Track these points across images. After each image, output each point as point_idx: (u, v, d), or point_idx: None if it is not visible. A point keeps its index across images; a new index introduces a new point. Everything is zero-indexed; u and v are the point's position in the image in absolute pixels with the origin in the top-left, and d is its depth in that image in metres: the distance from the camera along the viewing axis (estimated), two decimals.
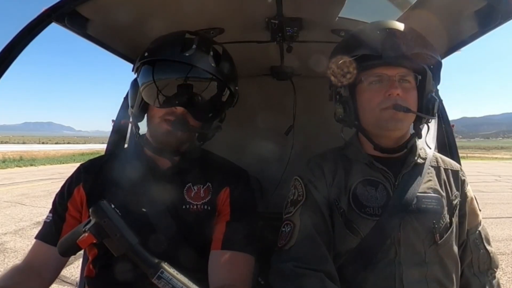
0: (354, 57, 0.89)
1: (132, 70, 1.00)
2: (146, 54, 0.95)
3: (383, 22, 0.93)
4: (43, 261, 0.96)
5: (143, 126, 1.03)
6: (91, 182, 1.00)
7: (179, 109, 0.92)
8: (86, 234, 0.77)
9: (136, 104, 0.98)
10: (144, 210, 0.93)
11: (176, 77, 0.92)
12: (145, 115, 1.00)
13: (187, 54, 0.90)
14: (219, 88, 0.97)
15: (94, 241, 0.76)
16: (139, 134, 1.01)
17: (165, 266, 0.73)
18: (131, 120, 1.03)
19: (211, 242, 0.97)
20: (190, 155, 1.03)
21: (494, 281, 1.00)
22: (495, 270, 1.01)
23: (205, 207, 0.97)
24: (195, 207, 0.97)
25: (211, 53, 0.94)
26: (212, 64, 0.92)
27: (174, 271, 0.73)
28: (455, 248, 0.94)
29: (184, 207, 0.96)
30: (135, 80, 0.99)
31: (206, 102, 0.96)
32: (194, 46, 0.91)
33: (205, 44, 0.95)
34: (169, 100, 0.92)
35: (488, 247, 1.00)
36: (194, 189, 0.99)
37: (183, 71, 0.91)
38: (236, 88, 1.03)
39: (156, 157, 1.01)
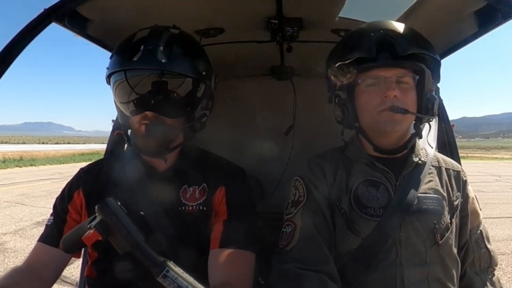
0: (349, 60, 0.88)
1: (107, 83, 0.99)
2: (107, 66, 0.95)
3: (378, 23, 0.93)
4: (44, 262, 0.96)
5: None
6: (90, 186, 1.01)
7: (149, 114, 0.90)
8: (91, 231, 0.76)
9: (119, 113, 1.00)
10: (142, 213, 0.93)
11: (133, 85, 0.91)
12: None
13: (135, 59, 0.88)
14: (180, 81, 0.93)
15: (99, 238, 0.76)
16: (129, 141, 1.01)
17: (171, 264, 0.72)
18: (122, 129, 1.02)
19: (209, 242, 0.96)
20: (187, 156, 1.03)
21: (494, 278, 1.00)
22: (495, 268, 1.02)
23: (201, 208, 0.97)
24: (190, 208, 0.96)
25: (161, 48, 0.89)
26: (163, 60, 0.88)
27: (179, 270, 0.72)
28: (454, 248, 0.94)
29: (180, 208, 0.96)
30: None
31: (175, 98, 0.94)
32: (141, 48, 0.89)
33: (153, 40, 0.90)
34: (137, 107, 0.92)
35: (488, 246, 1.01)
36: (190, 191, 0.99)
37: (138, 78, 0.91)
38: (204, 73, 0.96)
39: (153, 160, 1.00)
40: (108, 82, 0.97)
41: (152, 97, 0.91)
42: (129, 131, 1.01)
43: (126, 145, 1.10)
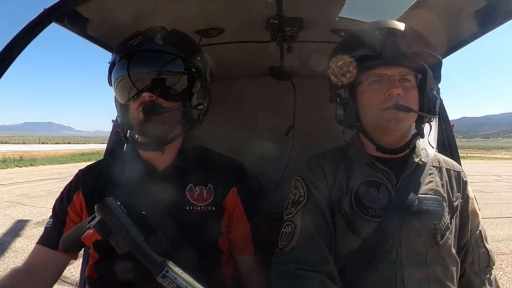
0: (353, 58, 0.88)
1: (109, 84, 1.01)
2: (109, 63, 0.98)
3: (382, 22, 0.93)
4: (43, 264, 0.96)
5: None
6: (90, 187, 1.01)
7: (146, 95, 0.92)
8: (91, 230, 0.76)
9: (118, 111, 1.00)
10: (144, 212, 0.93)
11: (130, 67, 0.93)
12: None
13: (134, 43, 0.94)
14: (175, 63, 0.95)
15: (99, 238, 0.76)
16: (128, 138, 1.02)
17: (170, 264, 0.72)
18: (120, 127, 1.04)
19: (212, 243, 0.98)
20: (187, 154, 1.03)
21: (491, 277, 1.01)
22: (492, 267, 1.02)
23: (210, 208, 0.98)
24: (199, 208, 0.97)
25: (159, 35, 0.95)
26: (159, 42, 0.94)
27: (179, 270, 0.72)
28: (453, 248, 0.94)
29: (188, 208, 0.96)
30: None
31: (169, 80, 0.95)
32: (140, 36, 0.95)
33: (152, 29, 0.96)
34: (133, 92, 0.94)
35: (487, 245, 1.01)
36: (197, 190, 0.99)
37: (133, 60, 0.93)
38: (198, 58, 1.00)
39: (152, 158, 1.00)
40: (110, 81, 0.98)
41: (146, 79, 0.93)
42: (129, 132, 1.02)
43: (125, 146, 1.10)
